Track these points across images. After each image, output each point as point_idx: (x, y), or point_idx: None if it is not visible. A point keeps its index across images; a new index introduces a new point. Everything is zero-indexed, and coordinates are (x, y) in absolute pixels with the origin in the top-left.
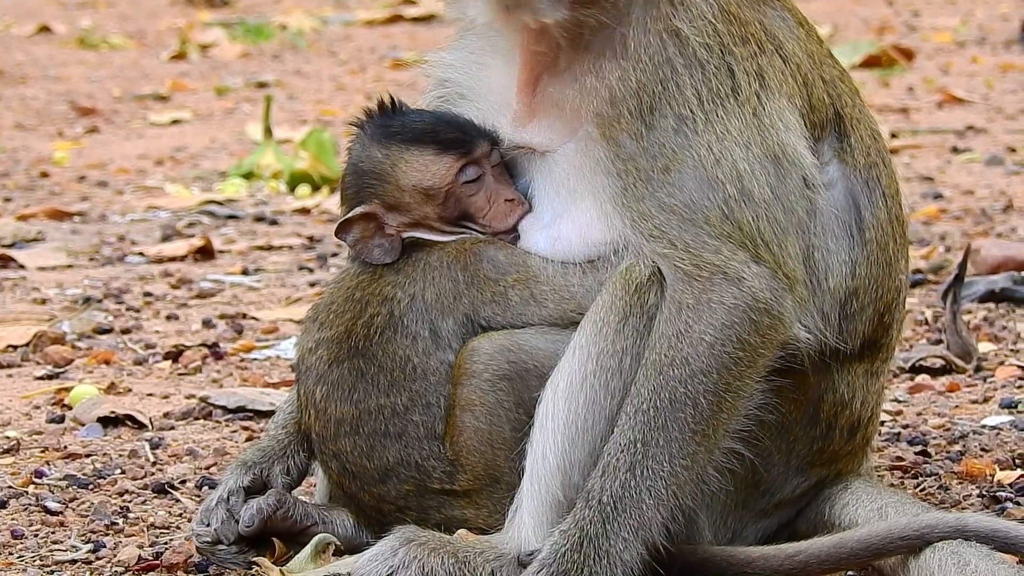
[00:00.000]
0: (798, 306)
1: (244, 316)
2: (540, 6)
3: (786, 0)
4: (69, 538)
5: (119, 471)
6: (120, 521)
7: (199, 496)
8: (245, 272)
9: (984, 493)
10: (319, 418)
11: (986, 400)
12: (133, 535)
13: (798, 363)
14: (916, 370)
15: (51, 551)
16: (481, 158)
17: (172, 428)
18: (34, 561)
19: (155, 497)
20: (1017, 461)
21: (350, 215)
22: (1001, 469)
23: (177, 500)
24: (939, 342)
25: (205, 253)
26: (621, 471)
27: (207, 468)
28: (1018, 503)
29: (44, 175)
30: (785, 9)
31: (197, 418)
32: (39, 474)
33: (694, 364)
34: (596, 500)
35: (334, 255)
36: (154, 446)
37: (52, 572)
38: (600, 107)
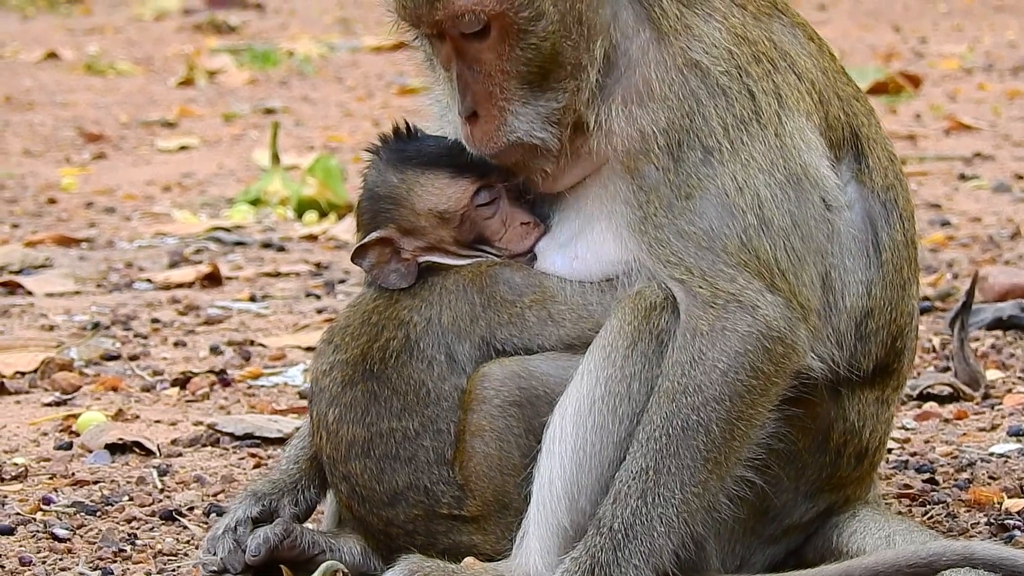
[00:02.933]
0: (811, 335)
1: (251, 343)
2: (544, 159)
3: (795, 15)
4: (77, 565)
5: (127, 498)
6: (128, 548)
7: (207, 523)
8: (252, 299)
9: (992, 521)
10: (330, 440)
11: (994, 428)
12: (141, 562)
13: (810, 392)
14: (924, 397)
15: None
16: (496, 181)
17: (180, 455)
18: None
19: (163, 524)
20: None
21: (366, 240)
22: (1009, 497)
23: (185, 527)
24: (947, 369)
25: (212, 280)
26: (632, 498)
27: (215, 495)
28: None
29: (52, 201)
30: (795, 24)
31: (205, 445)
32: (47, 501)
33: (707, 392)
34: (607, 527)
35: (341, 282)
36: (162, 473)
37: None
38: (630, 145)
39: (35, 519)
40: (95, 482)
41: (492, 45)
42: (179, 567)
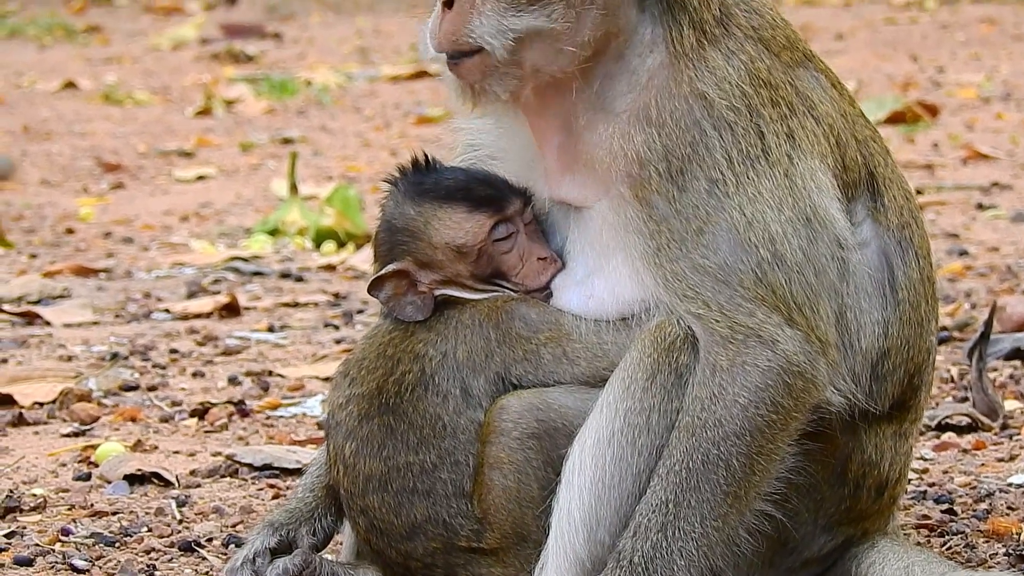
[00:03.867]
0: (831, 369)
1: (270, 373)
2: (497, 86)
3: (819, 61)
4: None
5: (145, 529)
6: None
7: (225, 554)
8: (271, 329)
9: (1011, 552)
10: (348, 474)
11: (1012, 458)
12: None
13: (827, 426)
14: (942, 428)
15: None
16: (514, 216)
17: (198, 486)
18: None
19: (181, 555)
20: None
21: (383, 272)
22: None
23: (204, 558)
24: (965, 400)
25: (231, 310)
26: (652, 531)
27: (233, 526)
28: None
29: (70, 231)
30: (819, 71)
31: (223, 476)
32: (66, 532)
33: (727, 426)
34: (627, 560)
35: (360, 312)
36: (180, 504)
37: None
38: (629, 169)
39: (54, 550)
40: (114, 513)
41: None
42: None
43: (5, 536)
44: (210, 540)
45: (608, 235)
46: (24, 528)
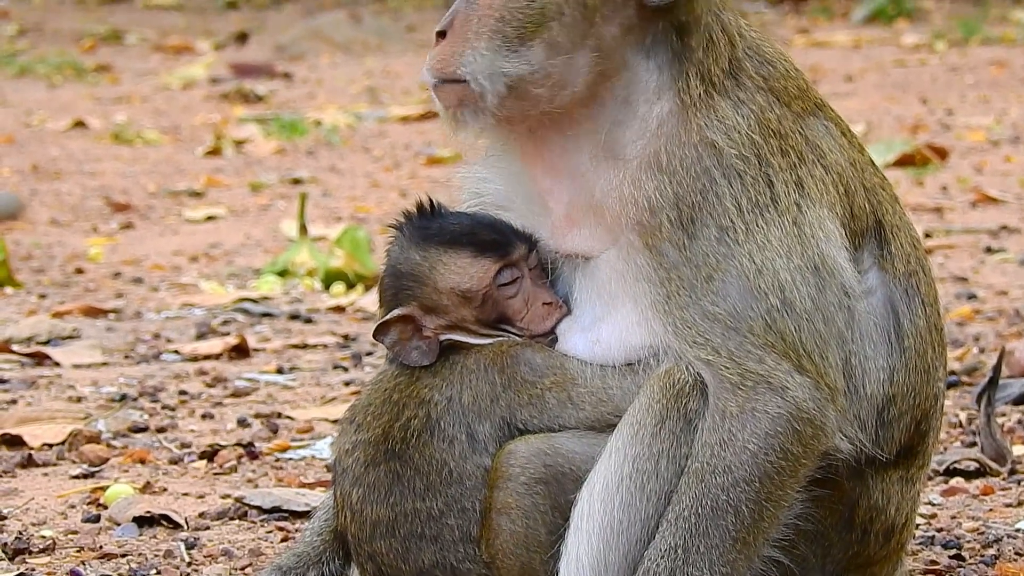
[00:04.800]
0: (839, 416)
1: (279, 415)
2: (470, 117)
3: (830, 110)
4: None
5: (154, 571)
6: None
7: None
8: (280, 371)
9: None
10: (355, 520)
11: (1020, 504)
12: None
13: (835, 472)
14: (950, 473)
15: None
16: (519, 260)
17: (207, 528)
18: None
19: None
20: None
21: (388, 317)
22: None
23: None
24: (973, 445)
25: (240, 351)
26: None
27: (243, 569)
28: None
29: (79, 271)
30: (830, 119)
31: (232, 518)
32: (75, 574)
33: (737, 472)
34: None
35: (369, 354)
36: (189, 546)
37: None
38: (640, 216)
39: None
40: (123, 555)
41: None
42: None
43: None
44: None
45: (616, 283)
46: (33, 570)
